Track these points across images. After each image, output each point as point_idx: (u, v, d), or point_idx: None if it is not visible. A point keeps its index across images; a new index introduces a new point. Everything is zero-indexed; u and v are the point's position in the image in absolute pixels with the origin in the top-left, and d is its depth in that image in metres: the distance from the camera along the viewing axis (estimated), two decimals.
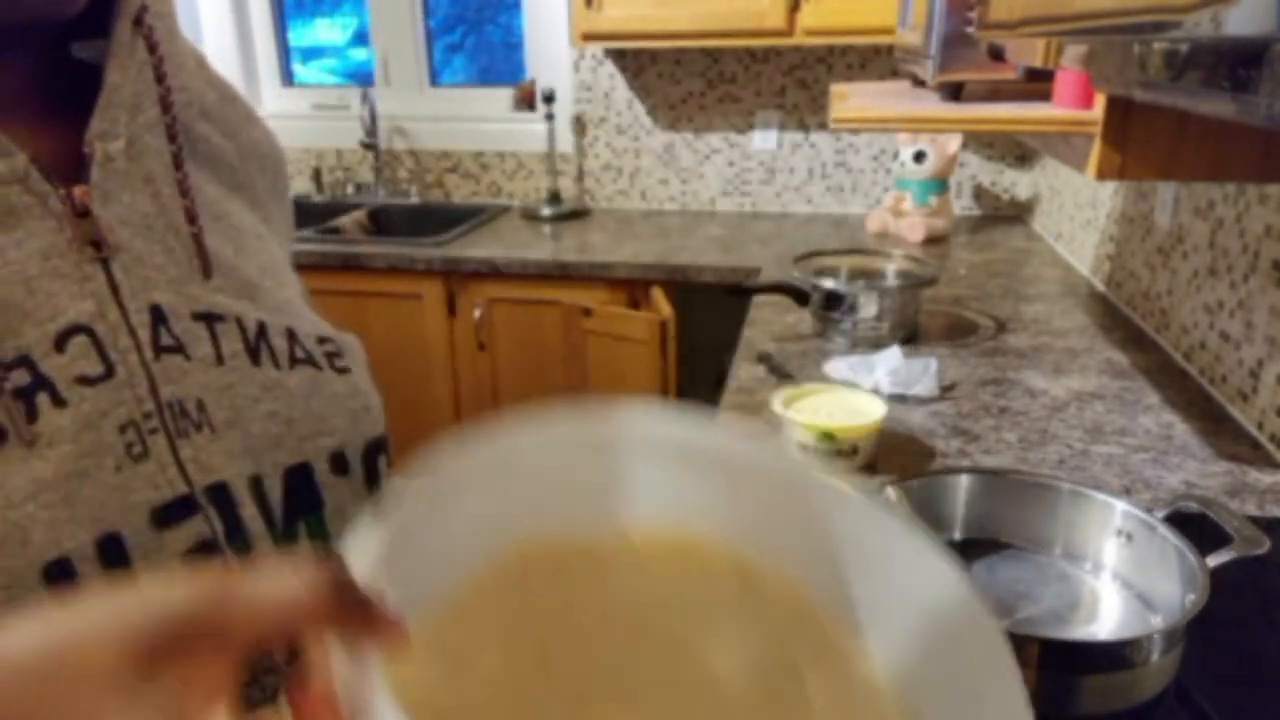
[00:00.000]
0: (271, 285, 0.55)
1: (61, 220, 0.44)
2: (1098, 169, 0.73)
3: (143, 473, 0.44)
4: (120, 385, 0.44)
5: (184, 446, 0.46)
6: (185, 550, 0.45)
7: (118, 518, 0.43)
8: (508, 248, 2.22)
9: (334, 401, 0.54)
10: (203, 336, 0.48)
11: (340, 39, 3.06)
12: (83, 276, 0.44)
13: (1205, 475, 1.03)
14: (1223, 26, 0.37)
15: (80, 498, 0.42)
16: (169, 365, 0.46)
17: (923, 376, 1.24)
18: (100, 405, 0.43)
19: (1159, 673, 0.67)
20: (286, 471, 0.51)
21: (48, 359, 0.42)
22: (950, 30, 1.03)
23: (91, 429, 0.43)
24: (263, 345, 0.51)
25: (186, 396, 0.47)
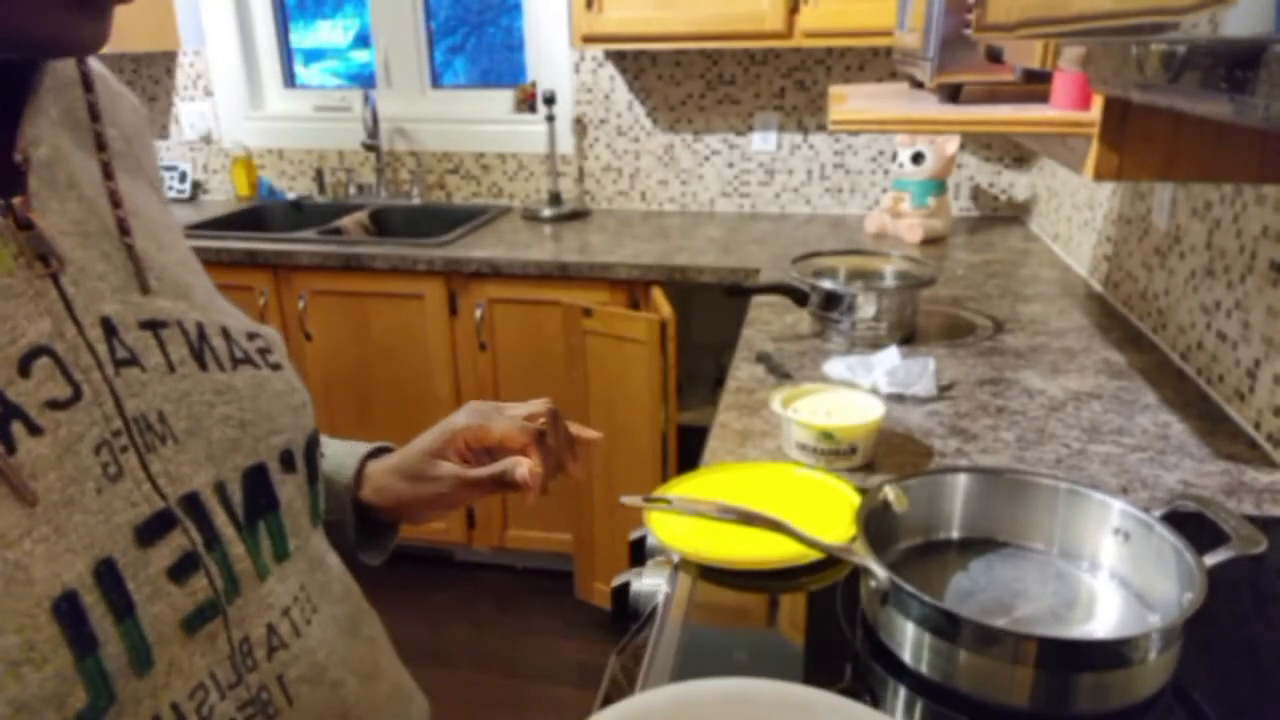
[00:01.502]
0: (194, 279, 0.54)
1: (5, 235, 0.42)
2: (1095, 170, 0.73)
3: (121, 492, 0.43)
4: (89, 405, 0.43)
5: (153, 461, 0.45)
6: (170, 565, 0.45)
7: (106, 541, 0.42)
8: (509, 248, 2.22)
9: (277, 399, 0.54)
10: (152, 345, 0.47)
11: (342, 41, 3.06)
12: (35, 294, 0.42)
13: (1202, 474, 1.04)
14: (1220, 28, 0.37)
15: (71, 526, 0.41)
16: (128, 379, 0.45)
17: (921, 376, 1.25)
18: (75, 429, 0.42)
19: (1156, 671, 0.67)
20: (245, 474, 0.50)
21: (14, 385, 0.40)
22: (948, 32, 1.04)
23: (71, 454, 0.41)
24: (205, 348, 0.51)
25: (149, 409, 0.46)
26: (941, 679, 0.68)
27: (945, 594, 0.78)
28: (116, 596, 0.42)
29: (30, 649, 0.38)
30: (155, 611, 0.44)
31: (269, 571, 0.51)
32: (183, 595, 0.45)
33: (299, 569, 0.54)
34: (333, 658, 0.55)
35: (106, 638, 0.41)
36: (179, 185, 2.88)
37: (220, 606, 0.48)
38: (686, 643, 0.76)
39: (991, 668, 0.66)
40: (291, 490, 0.54)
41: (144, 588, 0.43)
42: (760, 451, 1.10)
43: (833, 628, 0.78)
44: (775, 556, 0.84)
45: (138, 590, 0.43)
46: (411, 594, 2.43)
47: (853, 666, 0.74)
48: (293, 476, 0.54)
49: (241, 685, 0.48)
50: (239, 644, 0.48)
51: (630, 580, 0.88)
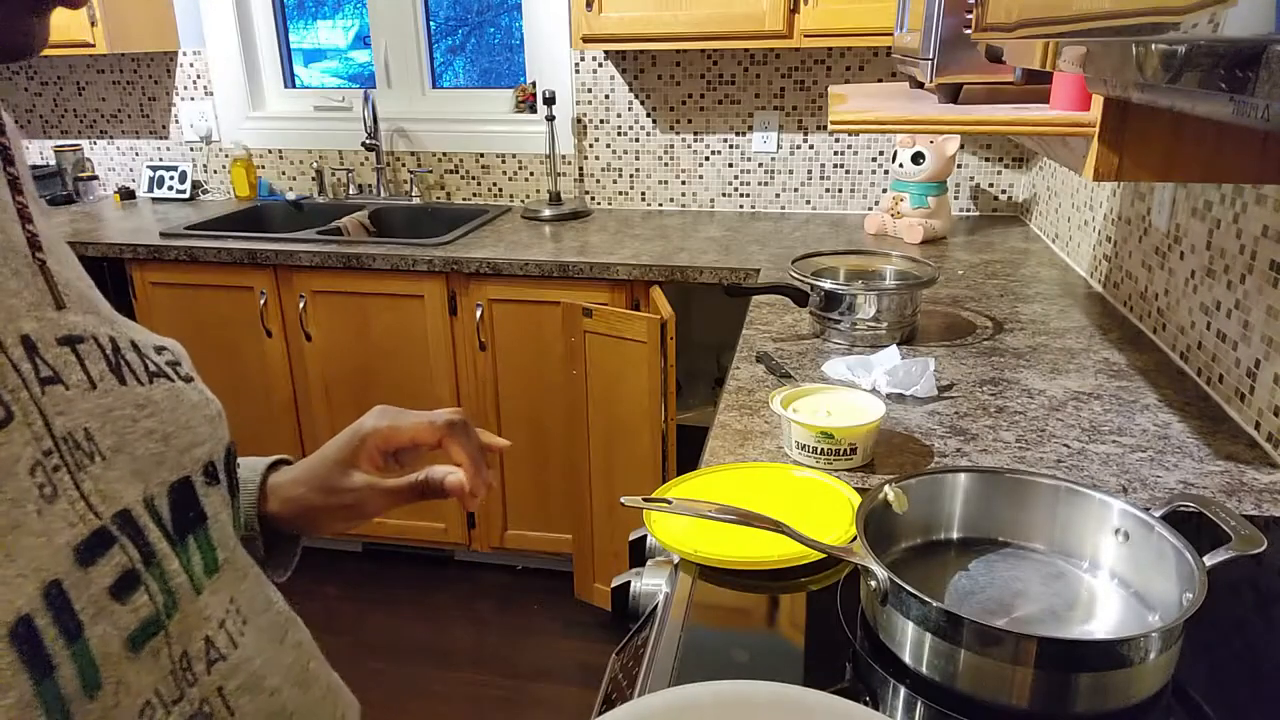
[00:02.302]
0: (95, 294, 0.53)
1: None
2: (1095, 170, 0.73)
3: (58, 512, 0.43)
4: (20, 425, 0.42)
5: (84, 479, 0.45)
6: (111, 584, 0.44)
7: (51, 563, 0.41)
8: (508, 248, 2.22)
9: (194, 411, 0.54)
10: (72, 362, 0.47)
11: (342, 42, 3.06)
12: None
13: (1202, 474, 1.04)
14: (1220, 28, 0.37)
15: (20, 549, 0.40)
16: (53, 397, 0.44)
17: (921, 376, 1.25)
18: (11, 450, 0.41)
19: (1156, 671, 0.67)
20: (171, 488, 0.50)
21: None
22: (948, 33, 1.04)
23: (10, 476, 0.41)
24: (121, 362, 0.50)
25: (75, 427, 0.45)
26: (941, 679, 0.68)
27: (945, 594, 0.78)
28: (66, 618, 0.41)
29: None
30: (100, 631, 0.43)
31: (203, 586, 0.51)
32: (126, 613, 0.45)
33: (228, 581, 0.54)
34: (268, 666, 0.55)
35: (60, 660, 0.41)
36: (179, 185, 2.88)
37: (161, 622, 0.47)
38: (686, 643, 0.76)
39: (991, 668, 0.66)
40: (216, 502, 0.54)
41: (89, 608, 0.43)
42: (760, 451, 1.10)
43: (832, 628, 0.78)
44: (775, 556, 0.84)
45: (83, 611, 0.42)
46: (412, 594, 2.43)
47: (852, 666, 0.74)
48: (216, 489, 0.54)
49: (184, 700, 0.48)
50: (179, 659, 0.48)
51: (630, 580, 0.88)
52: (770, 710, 0.62)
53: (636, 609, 0.87)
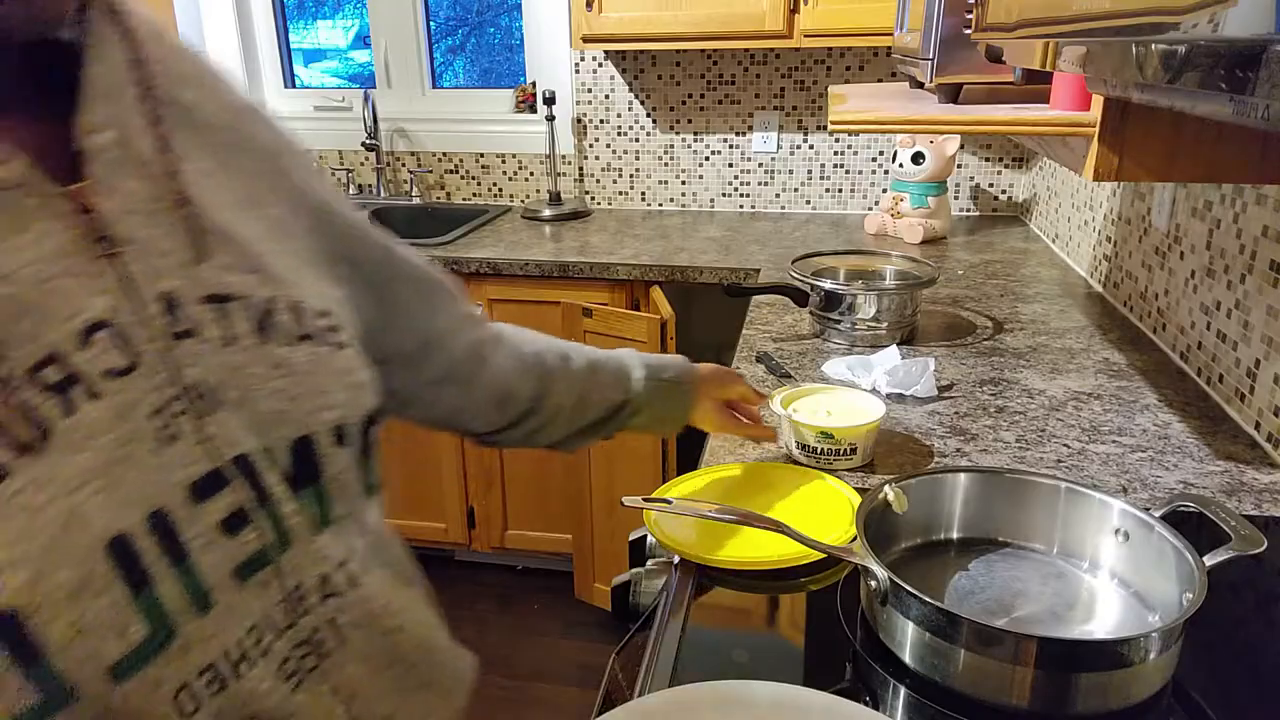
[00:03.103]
0: (278, 253, 0.56)
1: (67, 219, 0.45)
2: (1094, 170, 0.73)
3: (176, 453, 0.47)
4: (145, 374, 0.46)
5: (208, 424, 0.49)
6: (223, 519, 0.49)
7: (161, 495, 0.46)
8: (508, 248, 2.22)
9: (335, 378, 0.56)
10: (212, 319, 0.50)
11: (342, 42, 3.06)
12: (96, 272, 0.46)
13: (1202, 474, 1.04)
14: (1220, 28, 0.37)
15: (126, 480, 0.45)
16: (185, 350, 0.48)
17: (921, 376, 1.25)
18: (131, 395, 0.46)
19: (1156, 671, 0.67)
20: (293, 444, 0.53)
21: (76, 355, 0.44)
22: (948, 33, 1.04)
23: (127, 418, 0.45)
24: (269, 323, 0.53)
25: (203, 379, 0.49)
26: (941, 679, 0.68)
27: (945, 594, 0.78)
28: (170, 543, 0.46)
29: (87, 581, 0.43)
30: (209, 560, 0.48)
31: (319, 531, 0.55)
32: (235, 545, 0.49)
33: (349, 531, 0.57)
34: (388, 609, 0.59)
35: (161, 578, 0.46)
36: None
37: (270, 557, 0.52)
38: (686, 643, 0.76)
39: (991, 668, 0.66)
40: (340, 462, 0.56)
41: (198, 539, 0.48)
42: (760, 452, 1.10)
43: (832, 628, 0.78)
44: (775, 556, 0.84)
45: (192, 540, 0.47)
46: None
47: (852, 667, 0.74)
48: (343, 450, 0.57)
49: (296, 627, 0.53)
50: (291, 590, 0.52)
51: (630, 580, 0.88)
52: (770, 710, 0.62)
53: (636, 609, 0.87)
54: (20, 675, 0.42)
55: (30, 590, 0.42)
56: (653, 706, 0.62)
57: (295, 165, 0.61)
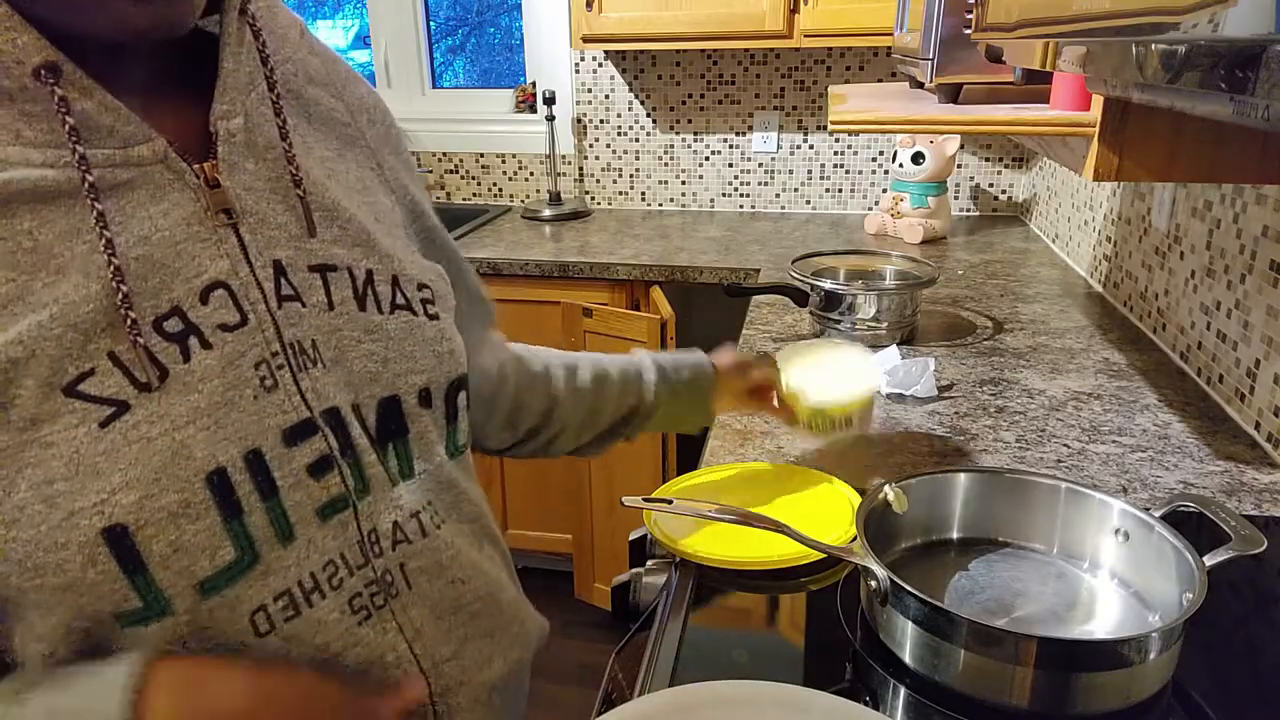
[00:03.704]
0: (382, 232, 0.62)
1: (198, 192, 0.52)
2: (1094, 170, 0.73)
3: (274, 401, 0.53)
4: (253, 330, 0.53)
5: (304, 379, 0.55)
6: (310, 463, 0.55)
7: (258, 437, 0.52)
8: (508, 248, 2.22)
9: (424, 345, 0.62)
10: (317, 286, 0.57)
11: (342, 42, 3.06)
12: (218, 240, 0.53)
13: (1202, 474, 1.04)
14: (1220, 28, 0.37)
15: (228, 421, 0.51)
16: (289, 312, 0.55)
17: (921, 377, 1.25)
18: (239, 347, 0.52)
19: (1156, 671, 0.67)
20: (380, 402, 0.59)
21: (195, 310, 0.51)
22: (948, 33, 1.04)
23: (234, 366, 0.52)
24: (369, 292, 0.60)
25: (304, 338, 0.55)
26: (941, 679, 0.68)
27: (945, 594, 0.78)
28: (262, 480, 0.52)
29: (186, 506, 0.49)
30: (296, 498, 0.54)
31: (398, 482, 0.60)
32: (318, 488, 0.55)
33: (428, 487, 0.62)
34: (457, 560, 0.63)
35: (252, 509, 0.52)
36: None
37: (350, 501, 0.57)
38: (686, 643, 0.76)
39: (991, 668, 0.66)
40: (426, 423, 0.62)
41: (287, 478, 0.54)
42: (760, 451, 1.10)
43: (832, 628, 0.78)
44: (775, 556, 0.84)
45: (282, 479, 0.53)
46: None
47: (852, 667, 0.74)
48: (428, 412, 0.62)
49: (368, 567, 0.58)
50: (367, 534, 0.58)
51: (630, 580, 0.88)
52: (770, 710, 0.62)
53: (636, 609, 0.87)
54: (126, 583, 0.48)
55: (139, 510, 0.48)
56: (653, 706, 0.62)
57: (399, 165, 0.68)
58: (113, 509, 0.47)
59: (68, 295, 0.47)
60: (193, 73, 0.55)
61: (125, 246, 0.49)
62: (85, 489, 0.47)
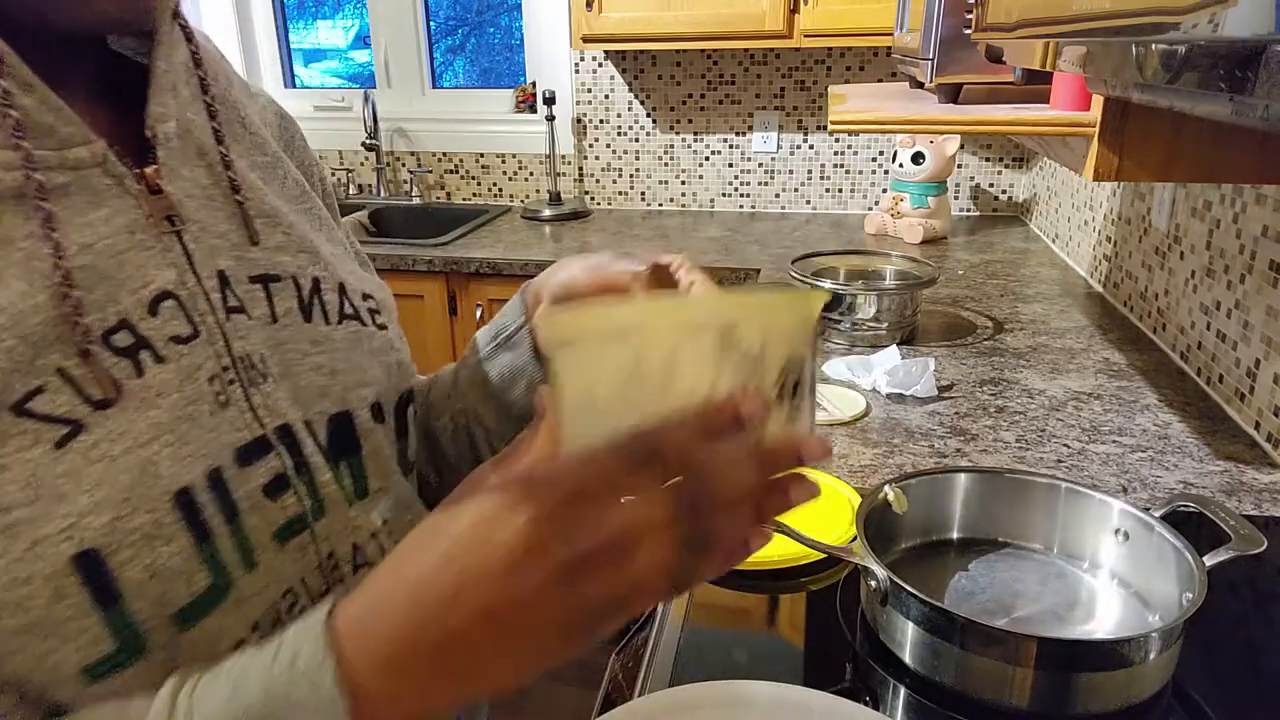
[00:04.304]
0: (325, 239, 0.61)
1: (139, 198, 0.49)
2: (1094, 170, 0.73)
3: (228, 418, 0.51)
4: (204, 343, 0.50)
5: (255, 394, 0.52)
6: (266, 483, 0.52)
7: (216, 455, 0.50)
8: (508, 248, 2.22)
9: (373, 356, 0.60)
10: (260, 297, 0.54)
11: (341, 42, 3.06)
12: (163, 248, 0.50)
13: (1202, 474, 1.04)
14: (1220, 28, 0.37)
15: (191, 438, 0.48)
16: (236, 324, 0.52)
17: (921, 377, 1.25)
18: (194, 360, 0.50)
19: (1156, 671, 0.67)
20: (330, 418, 0.57)
21: (144, 322, 0.48)
22: (948, 33, 1.04)
23: (190, 380, 0.49)
24: (315, 301, 0.57)
25: (252, 351, 0.53)
26: (941, 679, 0.68)
27: (945, 594, 0.78)
28: (224, 501, 0.49)
29: (158, 527, 0.46)
30: (253, 521, 0.51)
31: (354, 501, 0.58)
32: (275, 509, 0.52)
33: (383, 506, 0.60)
34: None
35: (219, 532, 0.49)
36: None
37: (307, 522, 0.54)
38: (686, 643, 0.76)
39: (991, 668, 0.66)
40: (379, 439, 0.59)
41: (245, 500, 0.50)
42: None
43: (832, 628, 0.78)
44: (775, 556, 0.84)
45: (240, 501, 0.50)
46: None
47: (852, 667, 0.74)
48: (380, 427, 0.60)
49: (330, 593, 0.55)
50: (326, 557, 0.55)
51: None
52: (770, 711, 0.62)
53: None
54: (98, 618, 0.44)
55: (111, 532, 0.44)
56: (654, 707, 0.62)
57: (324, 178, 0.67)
58: (83, 533, 0.43)
59: (14, 305, 0.43)
60: (128, 79, 0.53)
61: (67, 255, 0.45)
62: (50, 514, 0.43)
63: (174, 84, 0.53)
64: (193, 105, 0.54)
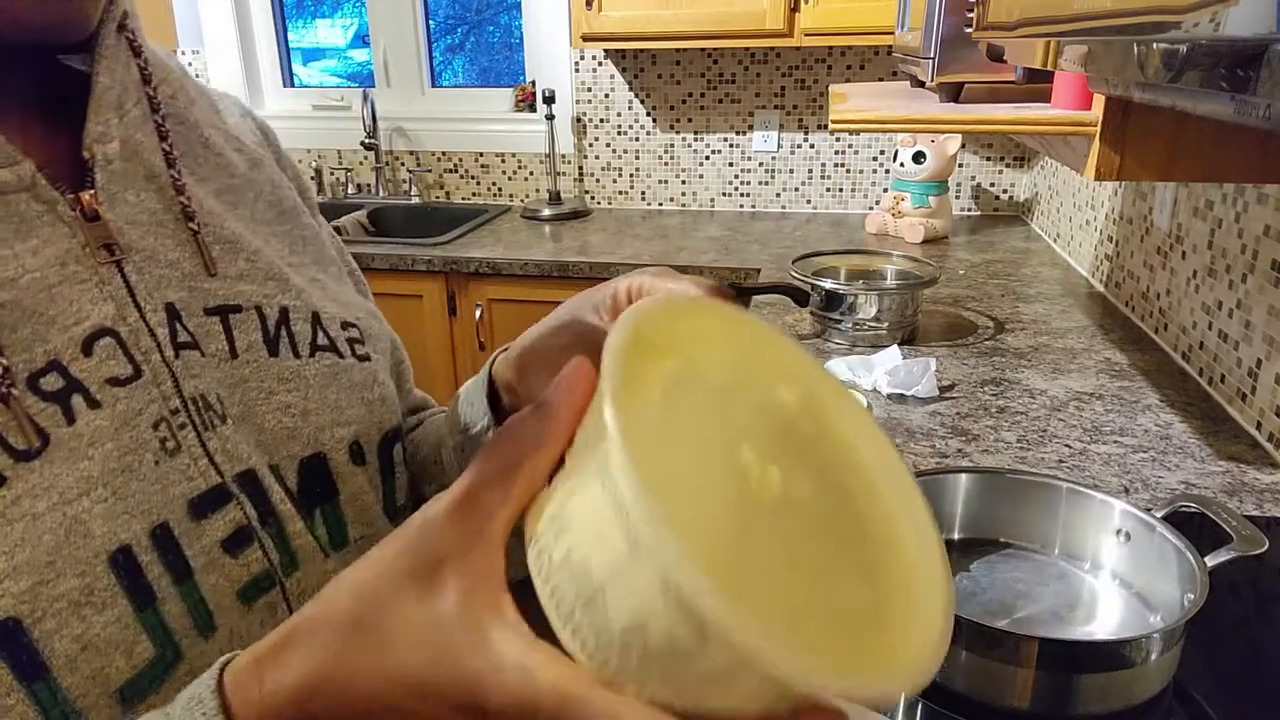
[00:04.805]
0: (296, 265, 0.56)
1: (73, 226, 0.45)
2: (1096, 170, 0.73)
3: (178, 466, 0.46)
4: (147, 384, 0.45)
5: (211, 439, 0.47)
6: (225, 537, 0.47)
7: (163, 509, 0.45)
8: (508, 248, 2.22)
9: (351, 391, 0.55)
10: (216, 331, 0.49)
11: (341, 41, 3.06)
12: (100, 280, 0.45)
13: (1204, 475, 1.03)
14: (1221, 27, 0.37)
15: (129, 491, 0.44)
16: (188, 361, 0.47)
17: (922, 377, 1.25)
18: (134, 404, 0.45)
19: (1158, 672, 0.67)
20: (302, 462, 0.52)
21: (76, 363, 0.43)
22: (949, 32, 1.03)
23: (129, 427, 0.44)
24: (283, 333, 0.52)
25: (207, 391, 0.48)
26: (942, 680, 0.68)
27: None
28: (174, 559, 0.45)
29: (90, 593, 0.41)
30: (212, 581, 0.46)
31: (330, 552, 0.52)
32: (237, 566, 0.47)
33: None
34: None
35: (165, 595, 0.44)
36: None
37: (276, 579, 0.49)
38: None
39: (993, 669, 0.66)
40: (360, 483, 0.54)
41: (199, 557, 0.46)
42: None
43: None
44: None
45: (194, 558, 0.45)
46: None
47: None
48: (361, 469, 0.54)
49: None
50: None
51: None
52: None
53: None
54: (22, 695, 0.39)
55: (32, 599, 0.40)
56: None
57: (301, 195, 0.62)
58: (1, 600, 0.39)
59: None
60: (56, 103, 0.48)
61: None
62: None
63: (119, 101, 0.48)
64: (143, 125, 0.50)
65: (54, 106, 0.48)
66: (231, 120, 0.60)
